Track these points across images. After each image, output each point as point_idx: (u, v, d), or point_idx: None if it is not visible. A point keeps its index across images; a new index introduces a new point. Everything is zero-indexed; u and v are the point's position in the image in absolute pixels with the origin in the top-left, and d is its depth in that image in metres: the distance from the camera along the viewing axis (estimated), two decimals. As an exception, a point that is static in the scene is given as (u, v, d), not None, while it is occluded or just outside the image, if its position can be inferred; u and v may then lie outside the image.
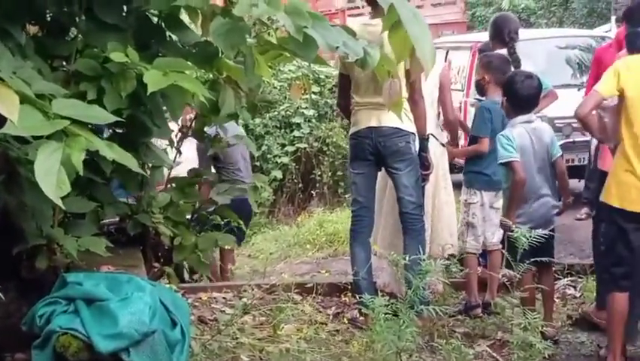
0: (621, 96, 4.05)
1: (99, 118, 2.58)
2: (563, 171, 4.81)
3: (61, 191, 2.29)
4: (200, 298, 4.68)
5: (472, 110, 8.27)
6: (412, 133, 4.88)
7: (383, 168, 5.00)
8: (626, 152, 4.06)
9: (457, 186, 5.81)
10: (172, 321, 2.75)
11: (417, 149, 4.93)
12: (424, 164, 4.98)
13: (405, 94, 4.55)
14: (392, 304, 3.48)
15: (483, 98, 5.62)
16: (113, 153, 2.52)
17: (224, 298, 4.73)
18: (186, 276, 5.05)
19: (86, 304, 2.62)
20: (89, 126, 2.50)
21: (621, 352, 4.15)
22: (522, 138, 4.65)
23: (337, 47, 2.90)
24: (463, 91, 10.65)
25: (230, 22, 2.97)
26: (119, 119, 2.68)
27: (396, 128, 4.77)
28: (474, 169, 5.49)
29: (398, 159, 4.86)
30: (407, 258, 3.67)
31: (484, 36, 14.12)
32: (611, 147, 4.33)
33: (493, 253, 5.49)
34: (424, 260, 3.53)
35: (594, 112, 4.20)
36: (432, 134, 5.20)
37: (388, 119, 4.65)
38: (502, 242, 4.75)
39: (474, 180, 5.50)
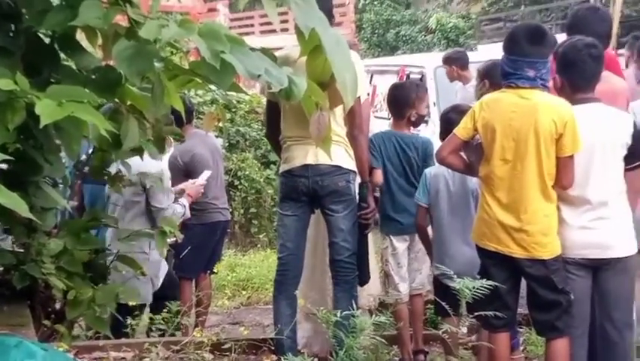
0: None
1: (-17, 156, 2.49)
2: None
3: (-63, 242, 2.20)
4: (96, 359, 4.55)
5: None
6: (353, 172, 4.87)
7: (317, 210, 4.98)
8: (482, 187, 4.42)
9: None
10: (68, 392, 2.66)
11: (356, 191, 4.93)
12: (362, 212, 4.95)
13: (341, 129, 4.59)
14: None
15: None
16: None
17: (123, 358, 4.60)
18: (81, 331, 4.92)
19: (-34, 374, 2.51)
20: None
21: None
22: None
23: (259, 76, 2.87)
24: (389, 120, 10.78)
25: (135, 45, 2.92)
26: (6, 156, 2.58)
27: (336, 166, 4.76)
28: (383, 212, 5.54)
29: (336, 199, 4.84)
30: (339, 314, 3.63)
31: (410, 58, 14.45)
32: None
33: (414, 298, 5.54)
34: (357, 316, 3.51)
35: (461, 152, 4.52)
36: None
37: (326, 157, 4.31)
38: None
39: (383, 224, 5.57)
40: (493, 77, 5.67)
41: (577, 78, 4.37)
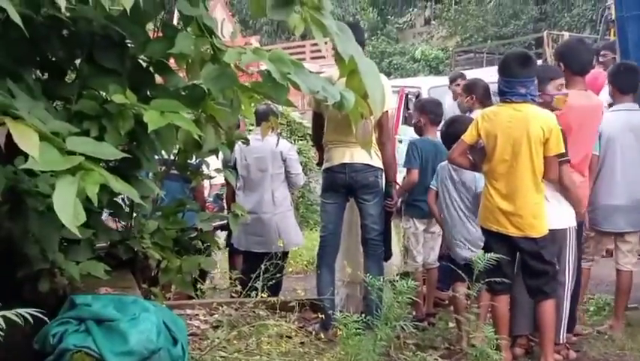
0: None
1: (108, 154, 2.50)
2: None
3: (77, 221, 2.21)
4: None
5: (400, 147, 8.47)
6: (380, 169, 4.92)
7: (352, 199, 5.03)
8: (485, 181, 4.43)
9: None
10: (173, 339, 2.66)
11: (383, 184, 4.98)
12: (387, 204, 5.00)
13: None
14: (366, 320, 3.48)
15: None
16: (119, 185, 2.46)
17: (196, 314, 4.60)
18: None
19: (96, 324, 2.52)
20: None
21: (519, 344, 4.63)
22: None
23: (317, 92, 2.89)
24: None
25: (219, 68, 2.94)
26: (125, 155, 2.60)
27: (367, 164, 4.81)
28: (409, 200, 5.61)
29: (367, 191, 4.90)
30: (381, 279, 3.65)
31: (409, 81, 14.47)
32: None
33: (430, 271, 5.59)
34: (398, 281, 3.54)
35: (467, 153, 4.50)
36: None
37: (359, 157, 4.70)
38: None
39: (407, 208, 5.65)
40: (476, 93, 5.81)
41: None
